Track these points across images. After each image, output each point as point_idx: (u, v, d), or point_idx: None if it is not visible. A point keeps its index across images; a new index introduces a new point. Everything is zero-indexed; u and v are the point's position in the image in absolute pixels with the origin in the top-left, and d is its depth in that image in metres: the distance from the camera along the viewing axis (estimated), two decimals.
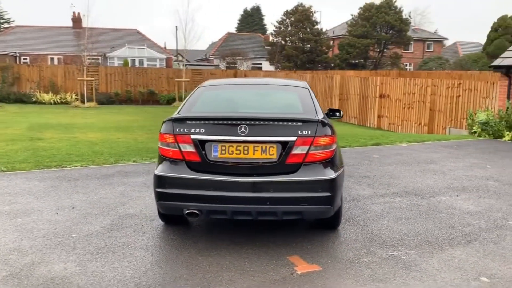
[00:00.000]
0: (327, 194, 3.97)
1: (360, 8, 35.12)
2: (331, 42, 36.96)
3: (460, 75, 20.30)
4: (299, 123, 4.00)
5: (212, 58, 48.06)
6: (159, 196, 4.08)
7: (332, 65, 34.03)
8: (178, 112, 4.36)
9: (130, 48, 40.67)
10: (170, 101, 26.25)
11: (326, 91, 21.05)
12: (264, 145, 3.94)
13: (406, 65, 47.60)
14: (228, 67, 38.34)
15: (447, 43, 61.32)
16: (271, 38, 36.34)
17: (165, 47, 44.19)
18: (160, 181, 4.07)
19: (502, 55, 13.19)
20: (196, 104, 4.51)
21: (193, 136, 4.00)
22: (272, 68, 37.15)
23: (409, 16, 35.63)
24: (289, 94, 4.84)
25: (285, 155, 3.94)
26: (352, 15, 37.38)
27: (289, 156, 3.94)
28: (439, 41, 59.79)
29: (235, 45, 47.33)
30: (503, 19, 39.57)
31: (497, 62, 13.03)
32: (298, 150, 3.95)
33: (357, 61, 35.35)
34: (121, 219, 4.93)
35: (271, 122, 4.01)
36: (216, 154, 3.97)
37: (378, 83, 17.92)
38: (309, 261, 3.90)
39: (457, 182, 6.77)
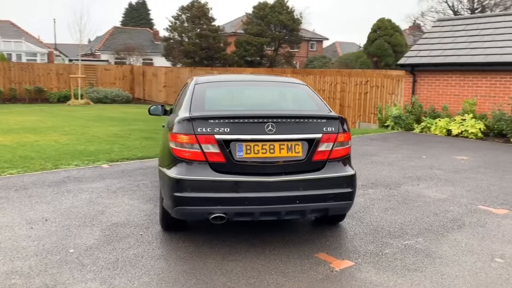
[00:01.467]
0: (350, 189, 4.03)
1: (254, 7, 35.81)
2: (228, 39, 37.21)
3: (364, 73, 21.69)
4: (323, 120, 4.00)
5: (98, 53, 45.63)
6: (179, 201, 3.80)
7: (231, 62, 34.30)
8: (189, 111, 4.08)
9: (6, 42, 36.99)
10: (61, 99, 24.26)
11: None
12: (290, 143, 3.88)
13: (296, 63, 49.67)
14: (118, 63, 36.70)
15: (327, 43, 65.08)
16: (166, 33, 35.49)
17: (40, 41, 40.83)
18: (180, 185, 3.80)
19: (406, 54, 14.37)
20: (205, 103, 4.27)
21: (217, 136, 3.79)
22: (168, 64, 36.36)
23: (300, 16, 37.18)
24: (296, 91, 4.80)
25: (312, 153, 3.92)
26: (246, 13, 37.98)
27: (316, 153, 3.93)
28: (321, 40, 63.26)
29: (123, 39, 45.50)
30: (381, 21, 43.04)
31: (402, 60, 14.17)
32: (323, 147, 3.95)
33: (253, 59, 36.03)
34: (112, 229, 4.51)
35: (297, 120, 3.95)
36: (241, 154, 3.81)
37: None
38: (338, 257, 3.93)
39: (409, 172, 7.26)
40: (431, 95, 13.58)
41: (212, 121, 3.83)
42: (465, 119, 11.92)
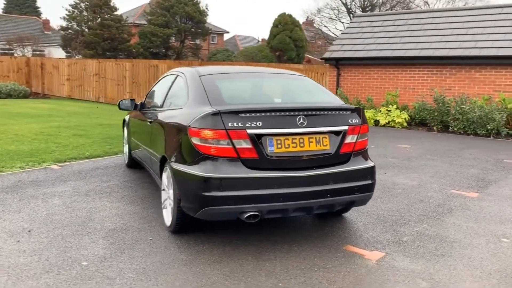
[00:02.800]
0: (372, 181, 4.07)
1: None
2: (132, 30, 35.68)
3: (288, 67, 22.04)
4: (348, 112, 3.98)
5: None
6: (209, 201, 3.56)
7: (135, 53, 32.93)
8: (210, 105, 3.82)
9: None
10: None
11: (152, 80, 20.37)
12: (318, 136, 3.81)
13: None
14: (5, 54, 33.48)
15: (226, 36, 65.34)
16: (64, 23, 33.05)
17: None
18: (210, 183, 3.55)
19: (330, 49, 14.91)
20: (222, 95, 4.03)
21: (249, 131, 3.60)
22: (64, 55, 33.91)
23: (206, 8, 36.81)
24: (303, 83, 4.71)
25: (339, 145, 3.88)
26: (150, 4, 36.71)
27: (343, 145, 3.90)
28: (221, 33, 63.36)
29: (9, 29, 41.60)
30: (282, 16, 44.17)
31: (327, 55, 14.67)
32: (349, 139, 3.94)
33: (158, 51, 34.99)
34: (114, 236, 4.11)
35: (325, 112, 3.88)
36: (272, 148, 3.66)
37: None
38: (366, 248, 3.95)
39: None
40: (355, 87, 14.24)
41: (243, 115, 3.63)
42: (390, 110, 12.67)
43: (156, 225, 4.40)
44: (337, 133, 3.88)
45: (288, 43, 41.24)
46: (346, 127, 3.91)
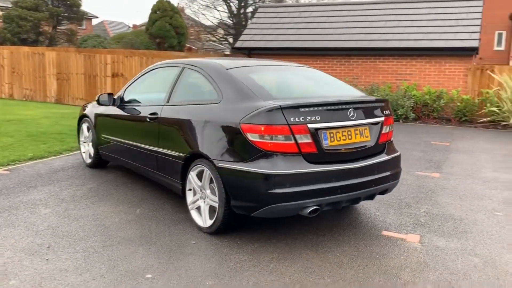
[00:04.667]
0: (400, 168, 4.34)
1: None
2: None
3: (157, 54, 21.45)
4: (382, 103, 4.16)
5: None
6: (275, 199, 3.51)
7: (1, 39, 29.51)
8: (262, 100, 3.72)
9: None
10: None
11: (37, 70, 18.52)
12: (362, 128, 3.94)
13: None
14: None
15: (95, 21, 61.64)
16: None
17: None
18: (276, 180, 3.49)
19: (241, 38, 15.02)
20: (267, 90, 3.93)
21: (310, 125, 3.60)
22: None
23: None
24: (321, 74, 4.77)
25: (378, 136, 4.06)
26: None
27: (381, 136, 4.09)
28: (90, 18, 59.67)
29: None
30: (161, 2, 43.00)
31: (239, 44, 14.78)
32: (384, 130, 4.14)
33: (28, 36, 31.80)
34: (152, 244, 3.83)
35: (368, 104, 4.02)
36: (327, 142, 3.71)
37: (109, 61, 17.15)
38: (401, 233, 4.21)
39: None
40: None
41: (303, 109, 3.61)
42: None
43: (185, 227, 4.18)
44: (376, 124, 4.04)
45: (168, 30, 40.29)
46: (382, 118, 4.10)
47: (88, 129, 6.14)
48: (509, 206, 5.04)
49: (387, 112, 4.19)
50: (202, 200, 4.07)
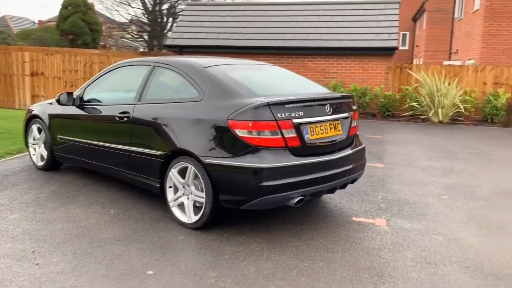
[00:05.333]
0: (365, 159, 4.73)
1: None
2: None
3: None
4: (350, 99, 4.50)
5: None
6: (266, 191, 3.70)
7: None
8: (247, 97, 3.89)
9: None
10: None
11: None
12: (335, 122, 4.25)
13: None
14: None
15: None
16: None
17: None
18: (266, 173, 3.69)
19: (172, 36, 14.91)
20: (249, 87, 4.09)
21: (294, 120, 3.84)
22: None
23: None
24: (287, 73, 4.99)
25: (349, 129, 4.40)
26: None
27: (351, 129, 4.43)
28: None
29: None
30: None
31: (169, 42, 14.67)
32: (353, 124, 4.49)
33: None
34: (141, 242, 3.86)
35: (339, 100, 4.33)
36: (308, 136, 3.97)
37: (27, 59, 16.21)
38: (369, 218, 4.58)
39: None
40: None
41: (288, 105, 3.83)
42: None
43: (166, 224, 4.24)
44: (346, 118, 4.36)
45: (82, 27, 38.65)
46: (352, 113, 4.43)
47: (40, 130, 5.89)
48: (451, 190, 5.62)
49: (354, 107, 4.53)
50: (185, 196, 4.14)
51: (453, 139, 9.63)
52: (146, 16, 43.81)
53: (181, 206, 4.22)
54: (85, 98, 5.27)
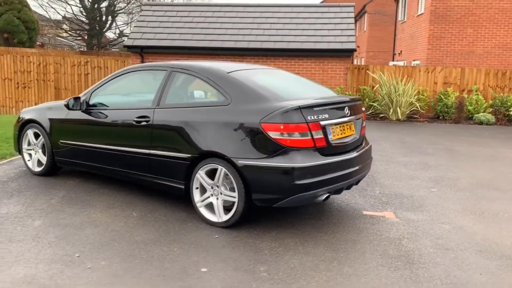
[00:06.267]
0: (372, 157, 5.10)
1: None
2: None
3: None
4: (360, 102, 4.85)
5: None
6: (299, 189, 3.96)
7: None
8: (275, 101, 4.12)
9: None
10: None
11: None
12: (350, 123, 4.58)
13: None
14: None
15: None
16: None
17: None
18: (300, 172, 3.95)
19: (132, 36, 14.72)
20: (275, 91, 4.31)
21: (321, 122, 4.13)
22: None
23: None
24: (301, 77, 5.23)
25: (360, 129, 4.75)
26: None
27: (362, 130, 4.78)
28: None
29: None
30: None
31: (129, 42, 14.49)
32: (363, 124, 4.84)
33: None
34: (179, 242, 3.99)
35: (354, 103, 4.66)
36: (330, 136, 4.27)
37: None
38: (377, 211, 4.95)
39: None
40: None
41: (316, 108, 4.11)
42: None
43: (195, 224, 4.37)
44: (358, 119, 4.70)
45: (17, 25, 36.98)
46: (361, 114, 4.78)
47: (37, 135, 5.78)
48: (436, 183, 6.14)
49: (363, 109, 4.88)
50: (214, 197, 4.30)
51: (417, 136, 10.32)
52: (85, 14, 42.50)
53: (208, 206, 4.37)
54: (92, 102, 5.26)
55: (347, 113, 4.43)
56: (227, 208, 4.29)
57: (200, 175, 4.33)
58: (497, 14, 16.71)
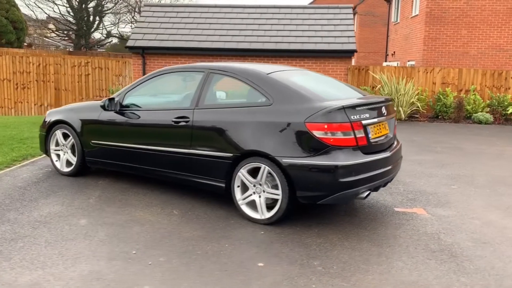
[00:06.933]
0: (402, 156, 5.26)
1: None
2: None
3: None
4: (391, 102, 5.01)
5: None
6: (344, 187, 4.10)
7: None
8: (317, 101, 4.26)
9: None
10: None
11: None
12: (385, 123, 4.74)
13: None
14: None
15: None
16: None
17: None
18: (345, 170, 4.09)
19: (133, 37, 14.71)
20: (316, 92, 4.45)
21: (363, 122, 4.28)
22: None
23: None
24: (331, 78, 5.37)
25: (393, 128, 4.91)
26: None
27: (394, 128, 4.94)
28: None
29: None
30: None
31: (131, 43, 14.49)
32: (395, 123, 5.00)
33: None
34: (226, 239, 4.10)
35: (388, 103, 4.81)
36: (370, 135, 4.43)
37: None
38: (408, 208, 5.12)
39: None
40: None
41: (358, 108, 4.26)
42: None
43: (237, 221, 4.48)
44: (391, 118, 4.86)
45: (5, 25, 36.59)
46: (394, 114, 4.94)
47: (66, 135, 5.83)
48: (456, 180, 6.34)
49: (394, 108, 5.04)
50: (256, 194, 4.42)
51: (423, 135, 10.56)
52: (72, 14, 42.15)
53: (250, 203, 4.48)
54: (125, 103, 5.34)
55: (384, 112, 4.58)
56: (267, 206, 4.40)
57: (242, 174, 4.45)
58: (490, 16, 17.09)
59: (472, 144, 9.43)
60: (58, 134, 5.87)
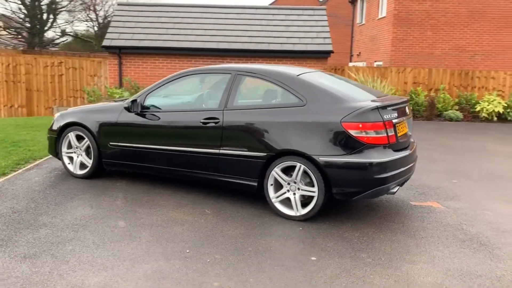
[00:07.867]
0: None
1: None
2: None
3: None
4: (408, 102, 5.28)
5: None
6: (379, 183, 4.33)
7: None
8: (351, 101, 4.46)
9: None
10: None
11: None
12: (405, 122, 5.00)
13: None
14: None
15: None
16: None
17: None
18: (379, 167, 4.32)
19: (108, 37, 14.44)
20: (346, 93, 4.65)
21: (394, 121, 4.52)
22: None
23: None
24: (347, 79, 5.57)
25: (411, 128, 5.19)
26: None
27: (411, 127, 5.22)
28: None
29: None
30: None
31: (106, 43, 14.25)
32: (412, 122, 5.28)
33: None
34: (269, 236, 4.24)
35: (407, 103, 5.08)
36: (396, 134, 4.69)
37: None
38: (423, 202, 5.42)
39: None
40: (140, 76, 14.49)
41: (389, 108, 4.49)
42: None
43: (271, 219, 4.61)
44: (409, 118, 5.14)
45: None
46: (411, 114, 5.22)
47: (79, 138, 5.76)
48: (454, 175, 6.72)
49: (411, 108, 5.32)
50: (291, 192, 4.57)
51: None
52: (25, 12, 40.67)
53: (283, 201, 4.63)
54: (146, 104, 5.35)
55: (406, 112, 4.84)
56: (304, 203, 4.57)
57: (276, 172, 4.59)
58: (453, 18, 17.93)
59: (454, 140, 9.94)
60: (71, 136, 5.80)
